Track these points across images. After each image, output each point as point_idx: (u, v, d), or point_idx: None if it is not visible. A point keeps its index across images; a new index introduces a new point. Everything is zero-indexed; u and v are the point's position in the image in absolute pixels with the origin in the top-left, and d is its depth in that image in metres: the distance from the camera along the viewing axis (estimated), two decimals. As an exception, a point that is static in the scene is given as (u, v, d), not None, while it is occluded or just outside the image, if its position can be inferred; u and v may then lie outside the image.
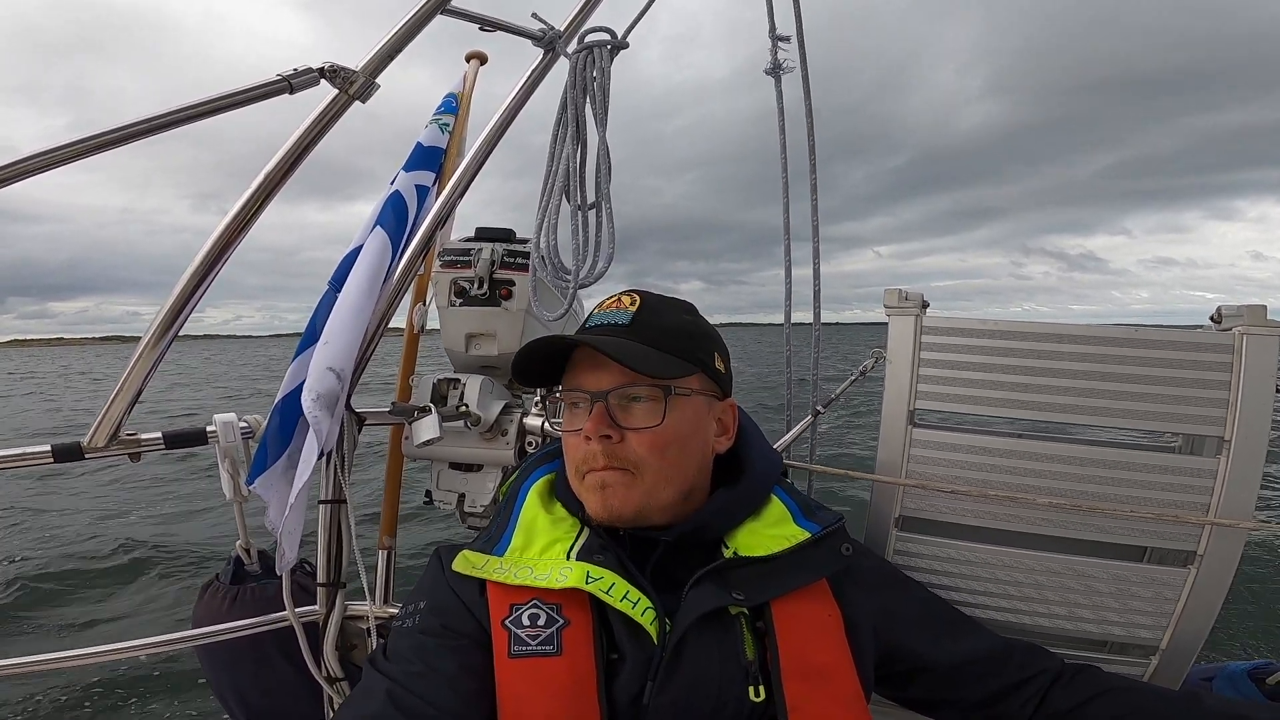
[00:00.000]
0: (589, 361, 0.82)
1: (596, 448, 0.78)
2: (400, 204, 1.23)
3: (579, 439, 0.81)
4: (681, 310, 0.88)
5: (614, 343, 0.80)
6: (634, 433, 0.79)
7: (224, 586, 1.15)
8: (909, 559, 1.07)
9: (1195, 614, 0.97)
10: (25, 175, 0.84)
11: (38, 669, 1.04)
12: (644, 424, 0.79)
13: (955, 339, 1.04)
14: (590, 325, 0.87)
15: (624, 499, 0.79)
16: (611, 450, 0.78)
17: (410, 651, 0.74)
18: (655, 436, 0.79)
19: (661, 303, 0.87)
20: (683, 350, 0.83)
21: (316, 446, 0.98)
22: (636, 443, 0.79)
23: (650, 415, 0.79)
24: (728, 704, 0.72)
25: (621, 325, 0.83)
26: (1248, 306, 0.96)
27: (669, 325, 0.85)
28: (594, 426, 0.78)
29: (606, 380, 0.80)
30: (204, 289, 0.98)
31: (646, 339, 0.82)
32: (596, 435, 0.78)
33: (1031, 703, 0.83)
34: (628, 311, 0.84)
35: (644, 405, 0.80)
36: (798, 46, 1.36)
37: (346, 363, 1.03)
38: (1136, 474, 0.98)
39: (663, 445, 0.79)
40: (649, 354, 0.79)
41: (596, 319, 0.86)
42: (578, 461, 0.81)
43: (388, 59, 1.01)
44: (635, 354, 0.78)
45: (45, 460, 0.99)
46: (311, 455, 0.99)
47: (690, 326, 0.86)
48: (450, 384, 1.21)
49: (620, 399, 0.80)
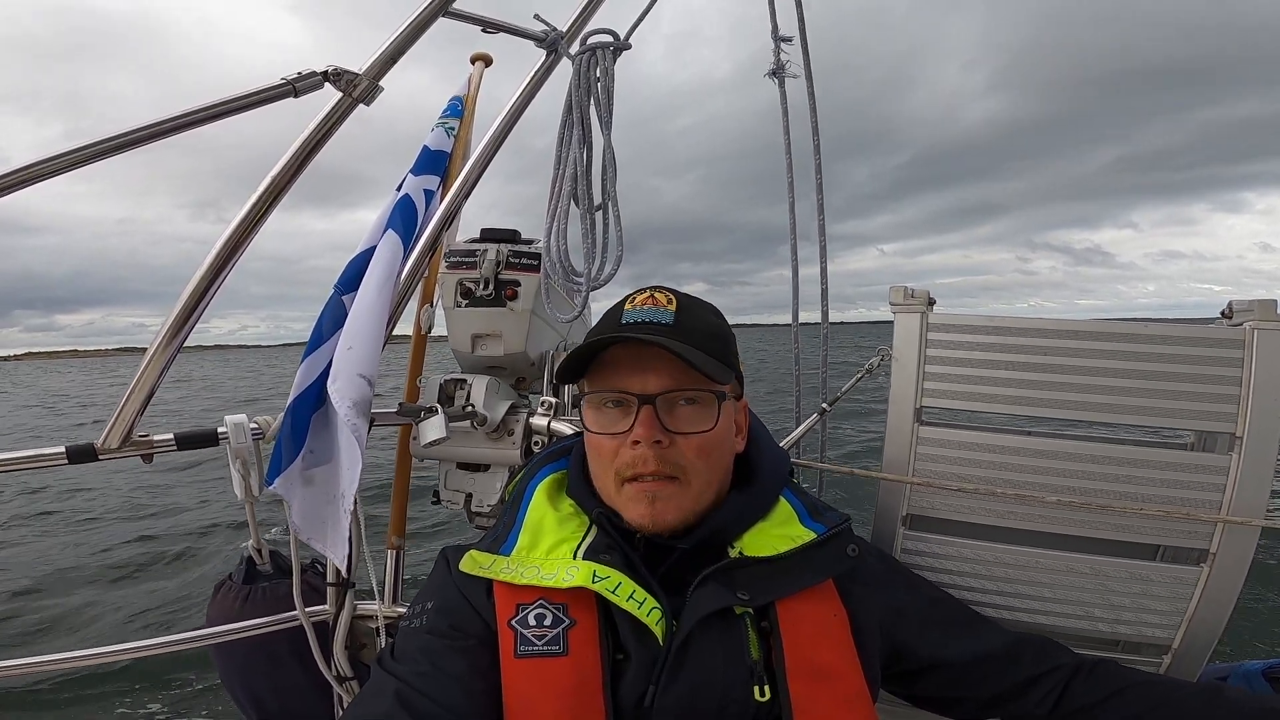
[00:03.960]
0: (634, 361, 0.79)
1: (648, 452, 0.76)
2: (409, 207, 1.24)
3: (618, 442, 0.78)
4: (711, 312, 0.87)
5: (680, 345, 0.77)
6: (683, 437, 0.77)
7: (236, 586, 1.16)
8: (917, 557, 1.06)
9: (1208, 613, 0.96)
10: (29, 183, 0.85)
11: (55, 667, 1.06)
12: (694, 428, 0.78)
13: (962, 336, 1.04)
14: (628, 322, 0.82)
15: (676, 511, 0.77)
16: (662, 454, 0.77)
17: (418, 652, 0.74)
18: (705, 441, 0.78)
19: (694, 303, 0.85)
20: (722, 353, 0.82)
21: (359, 455, 0.96)
22: (685, 447, 0.77)
23: (700, 419, 0.78)
24: (732, 704, 0.72)
25: (665, 325, 0.80)
26: (1259, 301, 0.95)
27: (707, 327, 0.83)
28: (646, 431, 0.76)
29: (655, 382, 0.78)
30: (214, 292, 0.99)
31: (694, 340, 0.79)
32: (648, 440, 0.76)
33: (1050, 698, 0.82)
34: (668, 310, 0.82)
35: (694, 409, 0.78)
36: (801, 47, 1.36)
37: (373, 368, 1.04)
38: (1147, 471, 0.97)
39: (710, 450, 0.78)
40: (706, 357, 0.78)
41: (634, 315, 0.82)
42: (619, 466, 0.78)
43: (390, 62, 1.02)
44: (698, 357, 0.76)
45: (59, 462, 1.00)
46: (356, 462, 0.97)
47: (721, 329, 0.86)
48: (457, 384, 1.22)
49: (667, 402, 0.78)
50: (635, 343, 0.78)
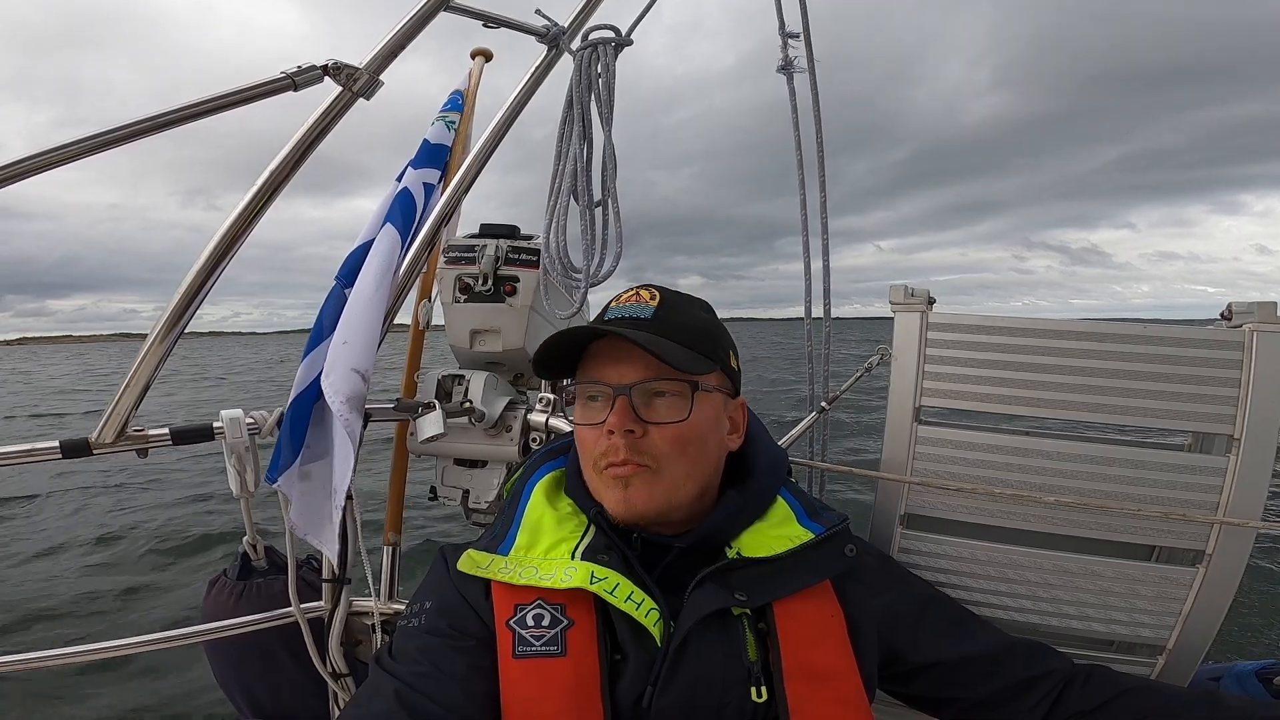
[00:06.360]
0: (610, 354, 0.80)
1: (619, 442, 0.77)
2: (409, 201, 1.23)
3: (597, 433, 0.79)
4: (699, 308, 0.87)
5: (646, 335, 0.78)
6: (657, 427, 0.78)
7: (231, 582, 1.16)
8: (914, 557, 1.07)
9: (1203, 614, 0.97)
10: (28, 174, 0.84)
11: (49, 664, 1.05)
12: (668, 419, 0.78)
13: (962, 335, 1.04)
14: (609, 318, 0.84)
15: (647, 497, 0.78)
16: (634, 444, 0.77)
17: (417, 652, 0.74)
18: (679, 432, 0.78)
19: (680, 299, 0.86)
20: (704, 347, 0.82)
21: (352, 450, 0.97)
22: (659, 437, 0.78)
23: (674, 410, 0.78)
24: (730, 705, 0.72)
25: (644, 319, 0.82)
26: (1259, 303, 0.95)
27: (690, 322, 0.84)
28: (618, 420, 0.77)
29: (630, 373, 0.79)
30: (210, 285, 0.98)
31: (669, 334, 0.80)
32: (620, 430, 0.77)
33: (1045, 702, 0.82)
34: (648, 306, 0.83)
35: (667, 400, 0.79)
36: (805, 42, 1.35)
37: (368, 362, 1.03)
38: (1145, 472, 0.98)
39: (685, 441, 0.78)
40: (676, 348, 0.79)
41: (615, 312, 0.84)
42: (596, 455, 0.80)
43: (391, 56, 1.01)
44: (666, 347, 0.77)
45: (53, 456, 0.99)
46: (348, 458, 0.97)
47: (708, 324, 0.86)
48: (455, 380, 1.21)
49: (643, 393, 0.79)
50: (614, 336, 0.79)
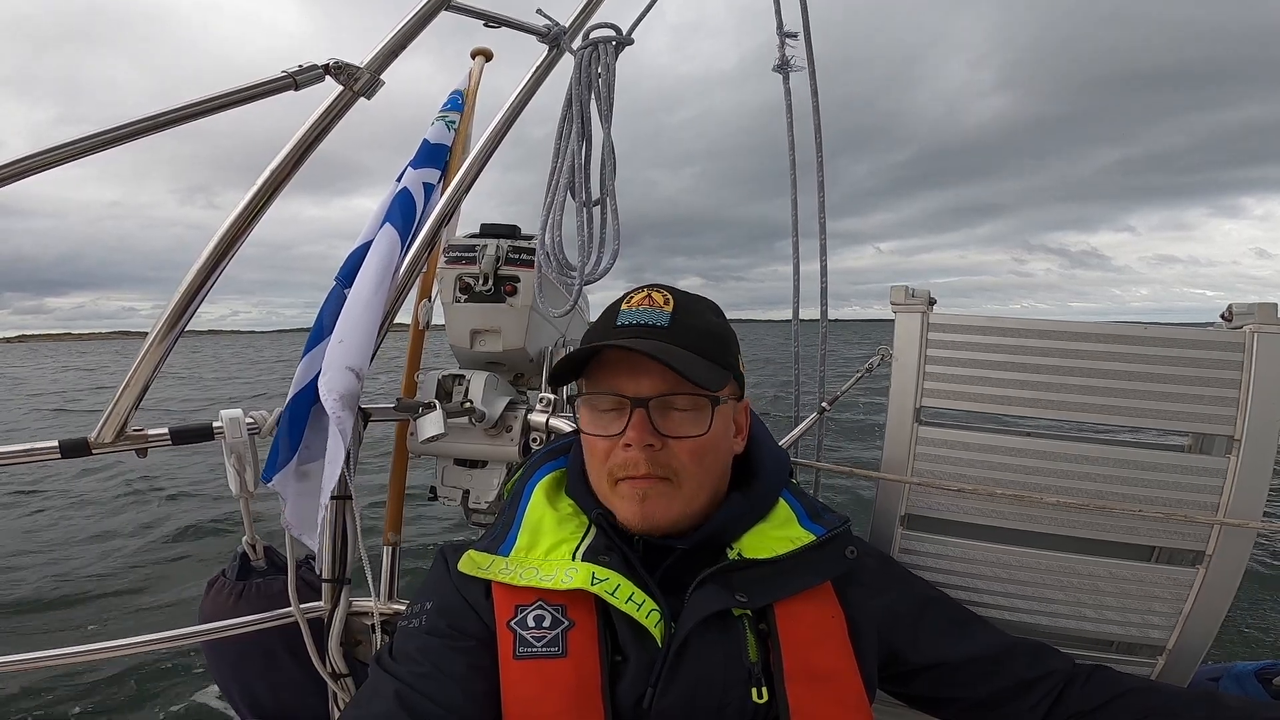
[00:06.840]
0: (626, 363, 0.79)
1: (639, 455, 0.76)
2: (409, 201, 1.23)
3: (612, 444, 0.78)
4: (711, 311, 0.86)
5: (665, 347, 0.77)
6: (676, 441, 0.77)
7: (230, 583, 1.15)
8: (915, 557, 1.07)
9: (1203, 614, 0.97)
10: (29, 173, 0.83)
11: (50, 664, 1.04)
12: (687, 432, 0.77)
13: (962, 336, 1.04)
14: (623, 324, 0.82)
15: (665, 509, 0.77)
16: (654, 457, 0.77)
17: (417, 652, 0.74)
18: (698, 445, 0.78)
19: (692, 303, 0.85)
20: (719, 356, 0.82)
21: (343, 447, 0.97)
22: (678, 450, 0.77)
23: (693, 423, 0.78)
24: (730, 706, 0.72)
25: (661, 327, 0.80)
26: (1259, 305, 0.95)
27: (705, 328, 0.83)
28: (638, 435, 0.76)
29: (648, 386, 0.78)
30: (210, 285, 0.97)
31: (688, 343, 0.79)
32: (640, 444, 0.76)
33: (1045, 702, 0.82)
34: (664, 312, 0.81)
35: (686, 413, 0.78)
36: (805, 42, 1.35)
37: (363, 361, 1.03)
38: (1145, 473, 0.98)
39: (703, 453, 0.78)
40: (697, 361, 0.78)
41: (629, 317, 0.82)
42: (612, 467, 0.79)
43: (392, 55, 1.00)
44: (688, 362, 0.76)
45: (52, 456, 0.99)
46: (338, 457, 0.97)
47: (721, 329, 0.85)
48: (455, 380, 1.21)
49: (660, 406, 0.78)
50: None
